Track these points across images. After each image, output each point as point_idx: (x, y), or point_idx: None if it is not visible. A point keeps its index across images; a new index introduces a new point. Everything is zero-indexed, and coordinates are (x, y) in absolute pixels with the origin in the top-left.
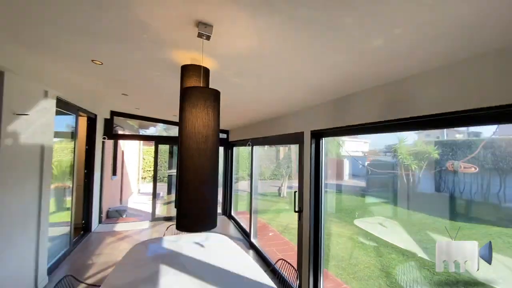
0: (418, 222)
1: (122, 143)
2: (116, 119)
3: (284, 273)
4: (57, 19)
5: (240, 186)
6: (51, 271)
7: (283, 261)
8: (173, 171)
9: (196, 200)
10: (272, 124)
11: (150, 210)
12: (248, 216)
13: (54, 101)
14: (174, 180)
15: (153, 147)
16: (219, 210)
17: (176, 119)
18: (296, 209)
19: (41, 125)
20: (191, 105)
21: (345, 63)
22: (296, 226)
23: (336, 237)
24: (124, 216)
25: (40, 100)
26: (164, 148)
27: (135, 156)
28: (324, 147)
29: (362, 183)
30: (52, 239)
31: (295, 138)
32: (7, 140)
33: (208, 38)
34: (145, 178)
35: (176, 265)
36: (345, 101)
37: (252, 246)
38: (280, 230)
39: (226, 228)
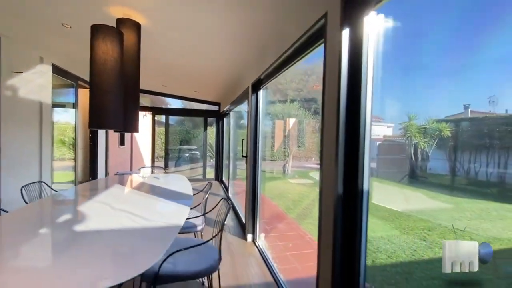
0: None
1: None
2: None
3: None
4: None
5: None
6: None
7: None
8: (182, 147)
9: (98, 105)
10: (237, 87)
11: None
12: (235, 182)
13: (50, 67)
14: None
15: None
16: (213, 175)
17: (164, 90)
18: (244, 155)
19: (38, 85)
20: (94, 38)
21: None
22: (286, 188)
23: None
24: None
25: (36, 64)
26: (179, 129)
27: (148, 132)
28: (262, 99)
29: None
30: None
31: (245, 94)
32: (6, 92)
33: None
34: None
35: (129, 184)
36: (262, 49)
37: (228, 197)
38: (271, 196)
39: (217, 189)
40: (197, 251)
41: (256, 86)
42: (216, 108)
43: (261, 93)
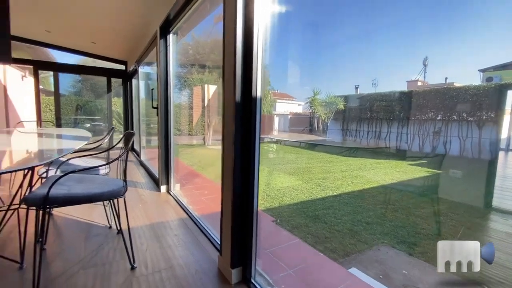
0: None
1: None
2: None
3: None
4: None
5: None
6: None
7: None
8: (80, 117)
9: None
10: (144, 36)
11: None
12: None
13: None
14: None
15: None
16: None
17: (49, 39)
18: (154, 106)
19: None
20: None
21: None
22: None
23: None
24: None
25: None
26: (75, 98)
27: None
28: (172, 46)
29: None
30: None
31: (153, 41)
32: None
33: None
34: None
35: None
36: None
37: (141, 162)
38: (191, 163)
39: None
40: (99, 182)
41: (165, 28)
42: (122, 67)
43: (171, 38)
